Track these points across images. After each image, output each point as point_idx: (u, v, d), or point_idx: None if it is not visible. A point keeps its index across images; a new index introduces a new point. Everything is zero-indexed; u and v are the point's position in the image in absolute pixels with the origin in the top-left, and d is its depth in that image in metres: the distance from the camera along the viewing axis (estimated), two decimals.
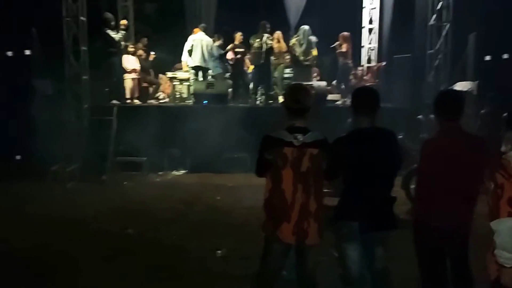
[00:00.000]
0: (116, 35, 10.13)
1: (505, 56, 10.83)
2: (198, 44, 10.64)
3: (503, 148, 2.59)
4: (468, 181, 3.20)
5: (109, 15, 10.32)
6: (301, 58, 10.80)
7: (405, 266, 4.12)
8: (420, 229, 3.34)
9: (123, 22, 11.10)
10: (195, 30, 11.10)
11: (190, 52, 10.77)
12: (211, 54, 10.77)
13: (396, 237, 3.44)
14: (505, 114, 2.88)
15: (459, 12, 10.28)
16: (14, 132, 9.56)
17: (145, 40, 12.08)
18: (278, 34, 10.92)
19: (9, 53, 10.80)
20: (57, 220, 6.41)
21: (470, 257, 3.41)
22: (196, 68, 10.78)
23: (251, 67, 11.38)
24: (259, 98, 10.78)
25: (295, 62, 11.04)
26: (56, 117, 9.72)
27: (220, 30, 12.31)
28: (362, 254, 3.21)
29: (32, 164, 9.01)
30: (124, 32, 10.74)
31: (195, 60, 10.71)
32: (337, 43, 11.11)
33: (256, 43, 10.48)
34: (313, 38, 10.88)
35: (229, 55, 11.50)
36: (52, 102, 9.88)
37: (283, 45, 11.06)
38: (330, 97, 10.75)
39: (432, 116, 8.48)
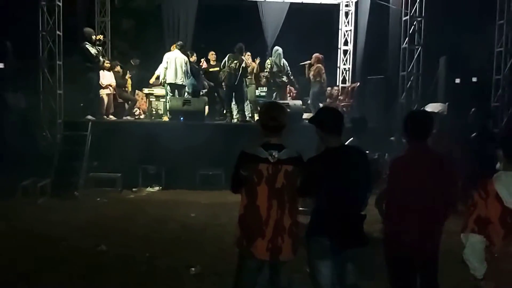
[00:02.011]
0: (93, 49, 10.11)
1: (474, 79, 11.19)
2: (172, 61, 10.68)
3: (497, 166, 2.71)
4: (434, 199, 3.29)
5: (89, 29, 10.32)
6: (275, 78, 10.94)
7: (378, 282, 4.18)
8: (389, 246, 3.40)
9: (100, 36, 11.10)
10: (173, 47, 11.16)
11: (165, 70, 10.81)
12: (186, 72, 10.80)
13: (369, 254, 3.50)
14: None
15: (430, 36, 10.63)
16: None
17: (137, 60, 12.23)
18: (249, 55, 11.07)
19: None
20: (27, 237, 6.26)
21: (440, 273, 3.49)
22: (172, 86, 10.80)
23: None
24: (236, 116, 10.84)
25: (269, 83, 11.18)
26: (29, 131, 9.58)
27: (197, 47, 12.44)
28: (333, 271, 3.25)
29: (2, 179, 8.81)
30: (101, 47, 10.73)
31: (169, 77, 10.75)
32: (307, 62, 11.26)
33: (232, 63, 10.54)
34: (285, 62, 11.04)
35: (203, 65, 11.63)
36: (25, 116, 9.73)
37: (254, 65, 11.27)
38: (305, 115, 10.89)
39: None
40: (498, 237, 2.53)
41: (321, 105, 11.20)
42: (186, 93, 11.31)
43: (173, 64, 10.64)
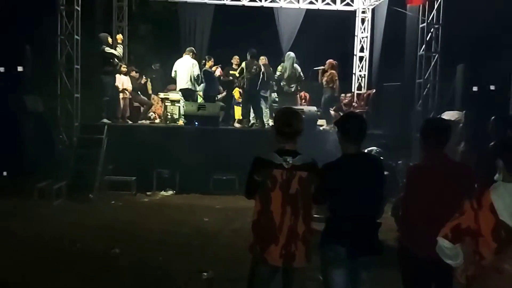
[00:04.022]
0: (115, 51, 10.29)
1: (492, 87, 11.05)
2: (180, 67, 10.76)
3: (496, 177, 2.59)
4: (451, 208, 3.23)
5: (104, 34, 10.48)
6: (286, 84, 10.88)
7: None
8: (404, 255, 3.36)
9: (119, 36, 11.27)
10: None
11: (175, 77, 10.91)
12: (195, 76, 10.85)
13: (383, 263, 3.46)
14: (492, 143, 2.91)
15: (447, 44, 10.52)
16: (1, 148, 9.47)
17: (157, 65, 12.45)
18: (265, 59, 11.07)
19: (1, 69, 10.78)
20: (42, 238, 6.33)
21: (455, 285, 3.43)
22: (182, 91, 10.86)
23: (237, 92, 11.51)
24: (252, 121, 10.83)
25: (280, 88, 11.14)
26: (46, 134, 9.69)
27: (213, 52, 12.52)
28: (347, 279, 3.21)
29: (19, 181, 8.93)
30: (122, 46, 10.89)
31: (180, 83, 10.83)
32: (321, 67, 11.20)
33: (252, 69, 10.54)
34: (298, 67, 10.99)
35: (218, 72, 11.68)
36: (42, 119, 9.86)
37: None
38: (320, 122, 10.86)
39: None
40: (489, 250, 2.40)
41: (331, 111, 11.19)
42: (200, 98, 11.40)
43: (181, 70, 10.73)
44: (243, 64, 10.70)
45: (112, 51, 10.24)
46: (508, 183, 2.44)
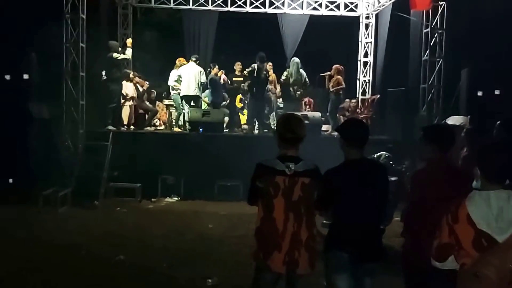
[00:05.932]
0: (126, 55, 10.38)
1: (497, 92, 11.01)
2: (185, 74, 10.81)
3: (474, 184, 2.58)
4: None
5: (114, 42, 10.63)
6: (291, 90, 10.90)
7: None
8: (408, 260, 3.34)
9: (129, 41, 11.39)
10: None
11: (178, 82, 10.96)
12: (200, 83, 10.90)
13: (387, 269, 3.45)
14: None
15: (451, 49, 10.52)
16: (7, 155, 9.53)
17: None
18: (270, 65, 11.09)
19: (7, 77, 10.85)
20: (47, 245, 6.35)
21: None
22: (186, 98, 10.90)
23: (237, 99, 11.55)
24: (257, 127, 10.85)
25: (285, 94, 11.17)
26: (51, 141, 9.75)
27: (217, 59, 12.58)
28: (351, 285, 3.20)
29: (24, 188, 8.96)
30: (131, 49, 10.99)
31: (183, 90, 10.87)
32: (327, 73, 11.22)
33: (262, 74, 10.56)
34: (303, 72, 11.00)
35: (222, 78, 11.77)
36: (48, 126, 9.92)
37: (273, 75, 11.34)
38: (324, 127, 10.86)
39: None
40: (472, 260, 2.36)
41: (337, 116, 11.19)
42: (204, 104, 11.45)
43: (186, 77, 10.78)
44: (255, 66, 10.53)
45: (123, 55, 10.37)
46: (484, 191, 2.39)
